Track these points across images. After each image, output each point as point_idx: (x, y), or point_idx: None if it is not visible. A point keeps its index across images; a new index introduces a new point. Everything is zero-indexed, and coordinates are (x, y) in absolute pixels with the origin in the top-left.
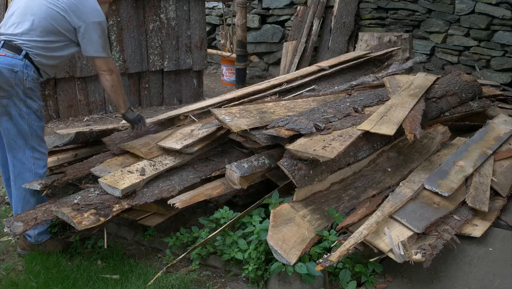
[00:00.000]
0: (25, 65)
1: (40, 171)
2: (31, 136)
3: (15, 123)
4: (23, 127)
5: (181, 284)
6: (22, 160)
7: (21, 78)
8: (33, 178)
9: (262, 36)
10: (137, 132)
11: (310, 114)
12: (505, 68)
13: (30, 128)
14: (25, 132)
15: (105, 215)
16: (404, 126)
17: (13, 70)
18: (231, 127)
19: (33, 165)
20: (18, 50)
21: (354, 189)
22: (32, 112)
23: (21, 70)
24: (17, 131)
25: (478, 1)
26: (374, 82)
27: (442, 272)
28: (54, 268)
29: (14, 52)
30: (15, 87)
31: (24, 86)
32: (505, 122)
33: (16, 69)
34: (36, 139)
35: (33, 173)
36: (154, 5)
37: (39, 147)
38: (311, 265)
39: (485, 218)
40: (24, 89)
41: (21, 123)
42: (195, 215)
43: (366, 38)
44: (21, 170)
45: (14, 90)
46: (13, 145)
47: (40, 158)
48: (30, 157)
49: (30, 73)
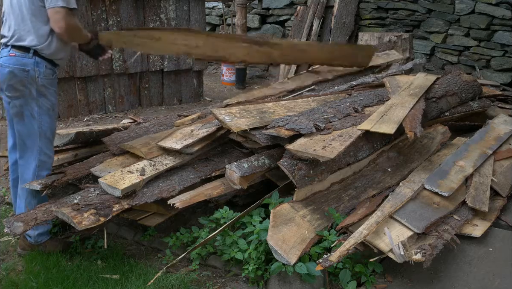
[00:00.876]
0: (35, 62)
1: (43, 174)
2: (40, 138)
3: (26, 124)
4: (33, 128)
5: (181, 284)
6: (28, 161)
7: (34, 76)
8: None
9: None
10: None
11: (310, 114)
12: (505, 68)
13: (40, 129)
14: (35, 133)
15: (105, 215)
16: (404, 125)
17: (24, 70)
18: (231, 127)
19: (38, 167)
20: (26, 49)
21: (354, 189)
22: (43, 112)
23: (32, 68)
24: (27, 132)
25: (478, 1)
26: (374, 82)
27: (442, 272)
28: (54, 268)
29: (23, 51)
30: (28, 86)
31: (37, 84)
32: (505, 122)
33: (27, 68)
34: (44, 141)
35: (35, 176)
36: (154, 5)
37: (46, 150)
38: (311, 265)
39: (485, 218)
40: (37, 87)
41: (32, 123)
42: (195, 215)
43: (366, 38)
44: (25, 171)
45: (27, 89)
46: (22, 146)
47: (46, 160)
48: (36, 158)
49: (41, 70)
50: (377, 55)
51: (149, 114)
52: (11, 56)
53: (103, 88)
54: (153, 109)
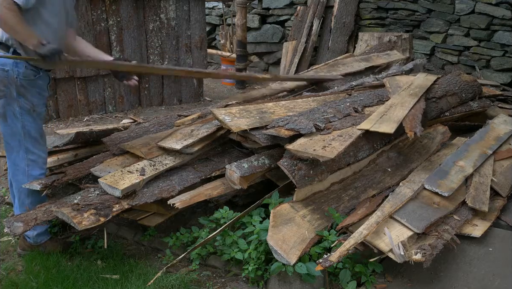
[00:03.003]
0: (14, 62)
1: (35, 173)
2: (24, 137)
3: (9, 124)
4: (16, 128)
5: (181, 284)
6: (15, 162)
7: (12, 76)
8: (27, 180)
9: (262, 36)
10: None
11: (310, 114)
12: (505, 68)
13: (23, 129)
14: (18, 133)
15: (105, 215)
16: (404, 125)
17: (4, 70)
18: (231, 127)
19: (27, 166)
20: (7, 48)
21: (354, 189)
22: (25, 112)
23: (11, 68)
24: (11, 132)
25: (478, 1)
26: (374, 82)
27: (442, 272)
28: (54, 268)
29: (4, 50)
30: (8, 86)
31: (16, 84)
32: (505, 122)
33: (6, 68)
34: (30, 141)
35: (26, 175)
36: (154, 5)
37: (34, 149)
38: (311, 265)
39: (485, 218)
40: (16, 87)
41: (15, 123)
42: (195, 215)
43: (366, 38)
44: (15, 172)
45: (8, 89)
46: (7, 146)
47: (35, 160)
48: (24, 158)
49: (20, 71)
50: (378, 55)
51: (149, 114)
52: None
53: (103, 88)
54: (153, 109)
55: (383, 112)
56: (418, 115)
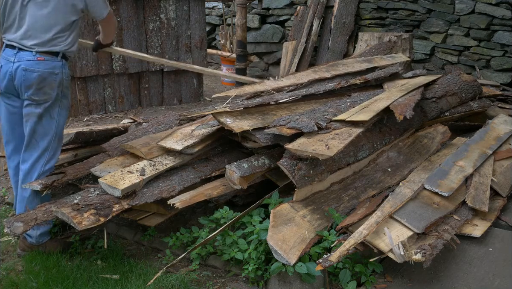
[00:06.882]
0: (63, 65)
1: (47, 170)
2: (54, 138)
3: (44, 124)
4: (51, 128)
5: (181, 284)
6: (38, 160)
7: (61, 79)
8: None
9: (262, 36)
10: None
11: (311, 113)
12: (505, 68)
13: (56, 129)
14: (51, 134)
15: (105, 215)
16: (393, 109)
17: (54, 73)
18: (233, 128)
19: (44, 166)
20: (55, 54)
21: (354, 189)
22: (63, 112)
23: (60, 71)
24: (44, 132)
25: (478, 1)
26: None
27: (442, 272)
28: (54, 268)
29: (51, 55)
30: (56, 89)
31: (63, 86)
32: (505, 122)
33: (56, 71)
34: (57, 140)
35: (39, 173)
36: (154, 5)
37: (58, 147)
38: (311, 265)
39: (485, 218)
40: (62, 89)
41: (50, 124)
42: (195, 215)
43: (366, 38)
44: (31, 170)
45: (54, 92)
46: (34, 144)
47: (53, 157)
48: (46, 157)
49: (66, 71)
50: (382, 57)
51: (149, 114)
52: (40, 60)
53: (103, 88)
54: (153, 109)
55: (366, 106)
56: (410, 104)
